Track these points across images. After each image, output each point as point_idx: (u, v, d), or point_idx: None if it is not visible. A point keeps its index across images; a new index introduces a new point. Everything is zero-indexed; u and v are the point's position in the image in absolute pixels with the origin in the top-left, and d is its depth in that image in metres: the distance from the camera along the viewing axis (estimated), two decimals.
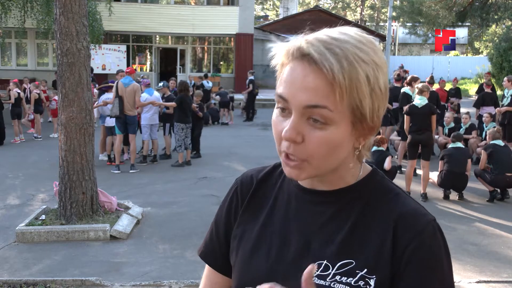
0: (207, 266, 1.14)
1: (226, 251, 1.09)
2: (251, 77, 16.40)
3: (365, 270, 0.90)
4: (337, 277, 0.91)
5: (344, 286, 0.89)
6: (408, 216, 0.92)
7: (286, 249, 0.97)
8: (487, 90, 11.59)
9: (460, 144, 7.35)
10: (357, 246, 0.92)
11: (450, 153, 7.22)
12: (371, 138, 0.96)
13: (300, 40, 0.87)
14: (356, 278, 0.89)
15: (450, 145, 7.42)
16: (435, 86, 13.67)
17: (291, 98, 0.86)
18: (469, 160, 7.25)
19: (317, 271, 0.92)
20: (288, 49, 0.88)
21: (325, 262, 0.93)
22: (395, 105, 9.77)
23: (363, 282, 0.89)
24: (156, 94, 9.81)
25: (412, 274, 0.88)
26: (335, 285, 0.90)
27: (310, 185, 0.99)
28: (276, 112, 0.92)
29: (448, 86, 13.39)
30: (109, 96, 9.38)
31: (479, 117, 10.73)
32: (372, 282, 0.89)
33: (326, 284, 0.91)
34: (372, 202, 0.95)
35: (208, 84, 16.75)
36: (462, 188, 7.19)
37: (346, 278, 0.90)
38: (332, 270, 0.92)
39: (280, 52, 0.91)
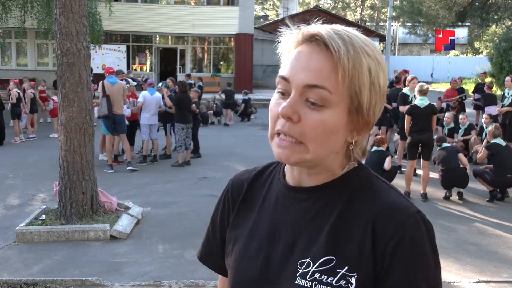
0: None
1: (224, 254, 1.10)
2: (245, 97, 16.48)
3: (346, 267, 0.88)
4: (317, 275, 0.89)
5: (325, 286, 0.88)
6: (388, 209, 0.90)
7: (275, 249, 0.97)
8: (488, 91, 11.72)
9: (446, 145, 7.38)
10: (339, 243, 0.90)
11: (438, 154, 7.29)
12: (365, 136, 0.96)
13: (311, 26, 0.91)
14: (337, 277, 0.88)
15: (437, 149, 7.43)
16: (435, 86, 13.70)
17: (292, 77, 0.88)
18: (460, 155, 7.24)
19: (300, 269, 0.92)
20: (298, 33, 0.91)
21: (308, 259, 0.92)
22: (394, 105, 9.82)
23: (344, 281, 0.87)
24: (157, 94, 9.81)
25: (396, 269, 0.86)
26: (317, 286, 0.89)
27: (295, 182, 0.99)
28: (275, 96, 0.93)
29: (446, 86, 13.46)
30: None
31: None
32: (353, 280, 0.87)
33: (308, 285, 0.89)
34: (355, 197, 0.94)
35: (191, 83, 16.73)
36: (463, 183, 7.10)
37: (326, 277, 0.88)
38: (312, 267, 0.90)
39: (289, 38, 0.93)
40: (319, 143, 0.88)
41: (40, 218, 5.87)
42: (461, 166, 7.12)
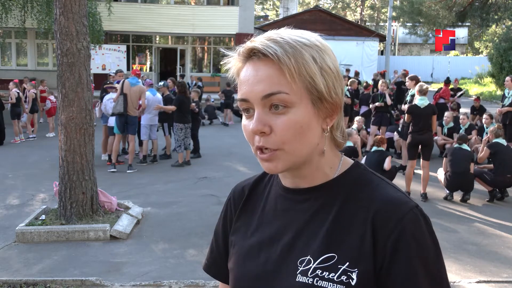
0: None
1: (227, 261, 1.11)
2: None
3: (347, 263, 0.90)
4: (319, 272, 0.91)
5: (327, 282, 0.90)
6: (387, 205, 0.91)
7: (274, 250, 0.99)
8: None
9: (466, 146, 7.31)
10: (339, 240, 0.92)
11: (453, 152, 7.19)
12: (339, 119, 0.98)
13: (247, 43, 0.94)
14: (338, 273, 0.90)
15: (455, 145, 7.40)
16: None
17: (248, 94, 0.91)
18: (472, 164, 7.19)
19: (300, 267, 0.93)
20: (238, 52, 0.95)
21: (308, 257, 0.93)
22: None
23: (346, 277, 0.89)
24: (158, 95, 9.81)
25: (398, 263, 0.87)
26: (318, 282, 0.90)
27: (292, 184, 1.01)
28: (244, 117, 0.96)
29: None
30: (112, 96, 9.36)
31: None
32: (354, 276, 0.89)
33: (309, 281, 0.91)
34: (353, 195, 0.96)
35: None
36: (469, 188, 7.05)
37: (328, 273, 0.90)
38: (313, 264, 0.92)
39: (233, 60, 0.96)
40: (297, 142, 0.91)
41: (40, 218, 5.87)
42: (470, 172, 7.08)
